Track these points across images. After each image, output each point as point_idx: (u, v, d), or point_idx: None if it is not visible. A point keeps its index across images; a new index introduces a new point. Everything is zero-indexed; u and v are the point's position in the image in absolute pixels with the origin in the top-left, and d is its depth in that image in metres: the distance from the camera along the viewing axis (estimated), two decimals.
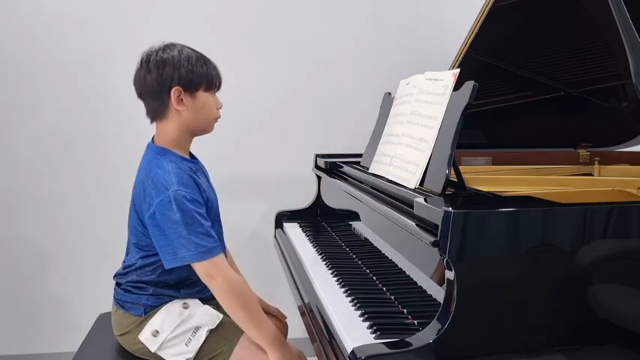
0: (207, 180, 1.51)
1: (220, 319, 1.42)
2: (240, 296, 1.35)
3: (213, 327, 1.40)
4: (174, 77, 1.36)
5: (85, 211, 2.39)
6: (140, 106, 1.44)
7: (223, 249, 1.52)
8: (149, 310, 1.40)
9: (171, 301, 1.41)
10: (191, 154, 1.50)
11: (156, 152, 1.40)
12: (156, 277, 1.40)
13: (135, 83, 1.41)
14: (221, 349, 1.39)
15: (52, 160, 2.35)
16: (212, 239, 1.33)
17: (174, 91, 1.36)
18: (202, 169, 1.52)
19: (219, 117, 1.48)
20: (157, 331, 1.38)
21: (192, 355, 1.37)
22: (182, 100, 1.37)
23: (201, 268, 1.33)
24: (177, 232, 1.30)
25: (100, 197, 2.37)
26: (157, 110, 1.40)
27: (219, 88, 1.46)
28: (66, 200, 2.37)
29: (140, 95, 1.41)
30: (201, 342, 1.38)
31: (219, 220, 1.52)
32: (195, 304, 1.43)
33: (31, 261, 2.39)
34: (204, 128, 1.46)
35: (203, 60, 1.41)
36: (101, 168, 2.37)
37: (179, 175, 1.34)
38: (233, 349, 1.39)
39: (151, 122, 1.44)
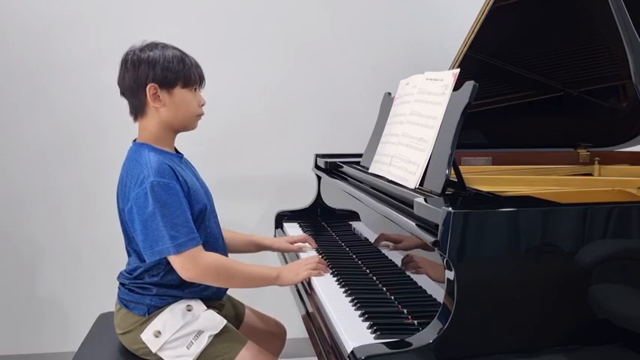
0: (194, 175, 1.51)
1: (224, 324, 1.41)
2: (222, 273, 1.38)
3: (216, 332, 1.39)
4: (149, 75, 1.37)
5: (86, 210, 2.39)
6: None
7: (221, 247, 1.52)
8: (153, 311, 1.40)
9: (175, 302, 1.41)
10: (176, 150, 1.50)
11: (136, 148, 1.42)
12: (159, 279, 1.40)
13: (117, 83, 1.43)
14: (222, 357, 1.38)
15: (52, 160, 2.35)
16: (187, 230, 1.32)
17: (149, 88, 1.38)
18: (187, 164, 1.52)
19: (202, 114, 1.48)
20: (159, 332, 1.38)
21: (192, 358, 1.37)
22: (158, 97, 1.39)
23: (176, 262, 1.33)
24: (153, 225, 1.30)
25: (100, 197, 2.37)
26: (137, 108, 1.42)
27: (200, 84, 1.47)
28: (66, 200, 2.37)
29: (122, 94, 1.44)
30: (203, 347, 1.37)
31: (215, 217, 1.52)
32: (198, 306, 1.42)
33: (31, 260, 2.39)
34: (185, 125, 1.46)
35: (181, 57, 1.41)
36: (102, 168, 2.37)
37: (156, 164, 1.34)
38: (234, 358, 1.38)
39: (135, 121, 1.45)
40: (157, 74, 1.37)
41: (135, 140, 1.47)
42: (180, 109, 1.42)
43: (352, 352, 0.95)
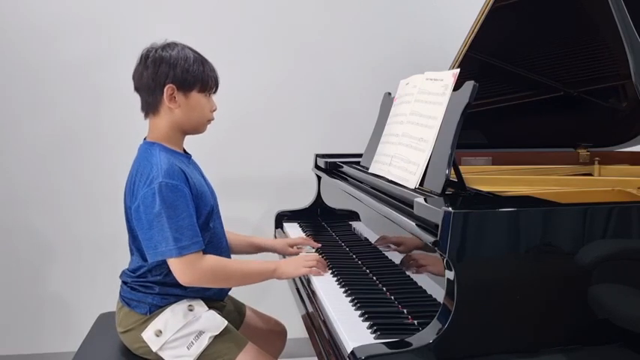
0: (202, 176, 1.51)
1: (225, 325, 1.41)
2: (219, 275, 1.39)
3: (216, 333, 1.39)
4: (169, 75, 1.38)
5: (87, 210, 2.39)
6: None
7: (224, 247, 1.53)
8: (154, 310, 1.40)
9: (176, 301, 1.41)
10: (185, 150, 1.51)
11: (147, 147, 1.42)
12: (162, 277, 1.40)
13: (133, 77, 1.44)
14: (222, 358, 1.38)
15: (53, 159, 2.35)
16: (191, 233, 1.32)
17: (167, 89, 1.38)
18: (195, 165, 1.52)
19: (212, 119, 1.49)
20: (161, 331, 1.38)
21: (192, 358, 1.37)
22: (175, 98, 1.39)
23: (175, 265, 1.33)
24: (159, 226, 1.31)
25: (101, 197, 2.37)
26: (150, 105, 1.42)
27: (215, 90, 1.48)
28: (67, 200, 2.37)
29: (136, 89, 1.44)
30: (203, 347, 1.37)
31: (219, 218, 1.52)
32: (200, 306, 1.42)
33: (31, 260, 2.39)
34: (196, 128, 1.47)
35: (201, 61, 1.43)
36: (102, 167, 2.37)
37: (167, 165, 1.34)
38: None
39: (145, 117, 1.46)
40: (176, 75, 1.38)
41: (145, 138, 1.47)
42: (193, 112, 1.43)
43: (352, 352, 0.96)
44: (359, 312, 1.18)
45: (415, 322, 1.12)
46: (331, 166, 1.94)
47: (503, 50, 1.89)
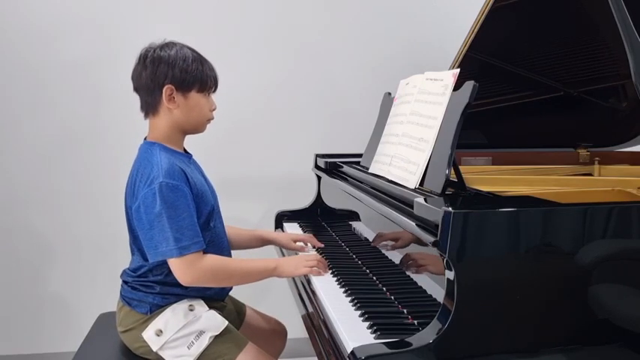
0: (202, 175, 1.51)
1: (225, 325, 1.41)
2: (220, 274, 1.39)
3: (217, 333, 1.39)
4: (167, 75, 1.38)
5: (87, 210, 2.39)
6: None
7: (225, 246, 1.53)
8: (155, 309, 1.40)
9: (177, 301, 1.41)
10: (185, 150, 1.51)
11: (147, 147, 1.42)
12: (163, 277, 1.40)
13: (132, 77, 1.44)
14: (222, 358, 1.38)
15: (53, 159, 2.35)
16: (192, 233, 1.32)
17: (166, 89, 1.38)
18: (196, 165, 1.52)
19: (212, 118, 1.49)
20: (161, 331, 1.38)
21: (192, 358, 1.37)
22: (174, 98, 1.39)
23: (176, 265, 1.33)
24: (159, 226, 1.31)
25: (101, 197, 2.37)
26: (149, 105, 1.42)
27: (214, 90, 1.48)
28: (67, 200, 2.37)
29: (135, 89, 1.44)
30: (203, 347, 1.37)
31: (220, 217, 1.52)
32: (200, 306, 1.43)
33: (31, 260, 2.39)
34: (196, 128, 1.47)
35: (199, 61, 1.43)
36: (102, 167, 2.37)
37: (167, 165, 1.34)
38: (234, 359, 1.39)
39: (145, 117, 1.46)
40: (175, 75, 1.38)
41: (145, 138, 1.47)
42: (193, 112, 1.43)
43: (352, 352, 0.95)
44: (359, 312, 1.18)
45: (415, 322, 1.12)
46: (331, 166, 1.94)
47: (503, 50, 1.89)
